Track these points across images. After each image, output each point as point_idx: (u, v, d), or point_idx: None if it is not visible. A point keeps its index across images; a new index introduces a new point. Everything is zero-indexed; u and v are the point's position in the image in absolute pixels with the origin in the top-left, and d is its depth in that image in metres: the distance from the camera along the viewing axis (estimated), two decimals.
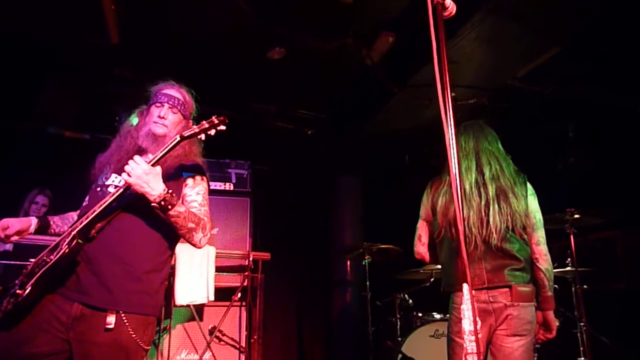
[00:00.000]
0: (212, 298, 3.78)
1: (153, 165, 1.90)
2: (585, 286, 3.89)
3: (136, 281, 1.94)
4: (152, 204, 1.88)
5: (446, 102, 1.52)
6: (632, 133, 4.40)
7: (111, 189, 2.02)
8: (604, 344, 4.01)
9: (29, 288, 1.79)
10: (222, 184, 4.41)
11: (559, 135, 5.05)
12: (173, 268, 3.76)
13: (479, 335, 2.23)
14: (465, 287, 1.14)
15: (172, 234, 2.03)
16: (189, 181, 2.15)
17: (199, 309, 3.92)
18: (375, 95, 4.62)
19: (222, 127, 1.98)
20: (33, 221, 2.11)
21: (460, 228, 1.16)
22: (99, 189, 2.07)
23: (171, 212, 1.90)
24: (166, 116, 2.14)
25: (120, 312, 1.88)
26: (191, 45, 4.02)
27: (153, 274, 2.00)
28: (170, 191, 1.90)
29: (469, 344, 1.14)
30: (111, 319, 1.85)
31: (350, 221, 5.44)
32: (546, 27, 3.48)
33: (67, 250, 1.81)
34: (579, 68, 4.21)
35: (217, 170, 4.41)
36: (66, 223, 2.21)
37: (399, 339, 4.12)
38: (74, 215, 2.25)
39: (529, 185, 2.57)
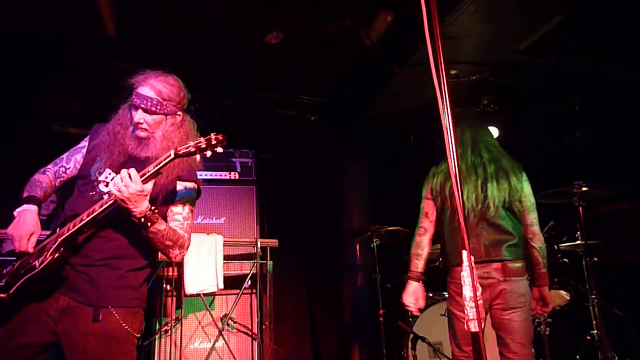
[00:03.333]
0: (221, 286, 3.80)
1: (145, 181, 1.84)
2: (595, 259, 3.86)
3: (122, 278, 1.97)
4: (132, 218, 1.86)
5: (440, 78, 1.49)
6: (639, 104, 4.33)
7: (102, 186, 2.02)
8: (616, 316, 3.99)
9: (13, 292, 1.82)
10: (227, 173, 4.41)
11: (565, 109, 5.00)
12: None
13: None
14: (465, 254, 1.13)
15: None
16: (179, 187, 2.11)
17: (210, 297, 3.94)
18: (377, 76, 4.58)
19: (219, 150, 1.85)
20: (34, 210, 2.03)
21: (457, 194, 1.15)
22: (90, 185, 2.04)
23: (150, 229, 1.89)
24: (142, 120, 2.02)
25: (109, 307, 1.91)
26: (188, 33, 3.99)
27: (138, 271, 2.03)
28: (152, 208, 1.88)
29: (470, 310, 1.14)
30: (98, 312, 1.88)
31: (357, 205, 5.43)
32: None
33: (51, 261, 1.82)
34: (582, 39, 4.14)
35: (222, 160, 4.41)
36: (47, 195, 2.14)
37: (410, 319, 4.13)
38: (45, 180, 2.16)
39: (524, 172, 2.79)
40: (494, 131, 4.82)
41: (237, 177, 4.42)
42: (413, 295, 2.92)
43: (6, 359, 1.81)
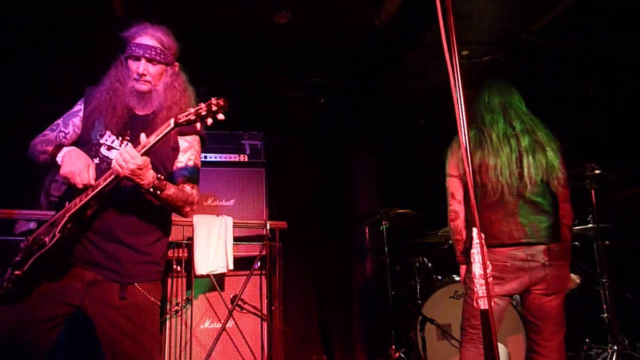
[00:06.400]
0: (231, 267, 3.82)
1: (143, 153, 1.79)
2: (607, 242, 3.84)
3: (144, 254, 1.99)
4: (141, 189, 1.86)
5: (453, 59, 1.46)
6: None
7: (104, 150, 2.00)
8: (627, 299, 3.97)
9: (27, 269, 1.83)
10: (236, 155, 4.41)
11: (579, 91, 4.91)
12: (191, 239, 3.81)
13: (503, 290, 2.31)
14: (475, 231, 1.12)
15: None
16: (182, 144, 2.09)
17: (220, 278, 3.97)
18: (387, 58, 4.52)
19: (221, 116, 1.76)
20: (76, 148, 1.96)
21: (468, 170, 1.13)
22: (93, 150, 2.00)
23: (161, 196, 1.90)
24: (146, 72, 1.98)
25: (135, 283, 1.96)
26: (196, 14, 3.95)
27: (156, 243, 2.05)
28: (159, 176, 1.87)
29: (480, 287, 1.13)
30: (125, 289, 1.93)
31: (366, 188, 5.41)
32: None
33: (60, 237, 1.82)
34: (597, 20, 4.05)
35: (231, 142, 4.41)
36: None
37: (419, 301, 4.14)
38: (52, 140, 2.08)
39: (559, 144, 2.57)
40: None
41: (246, 159, 4.42)
42: None
43: (26, 334, 1.84)
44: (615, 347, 3.62)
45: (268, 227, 4.06)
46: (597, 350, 3.82)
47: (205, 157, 4.26)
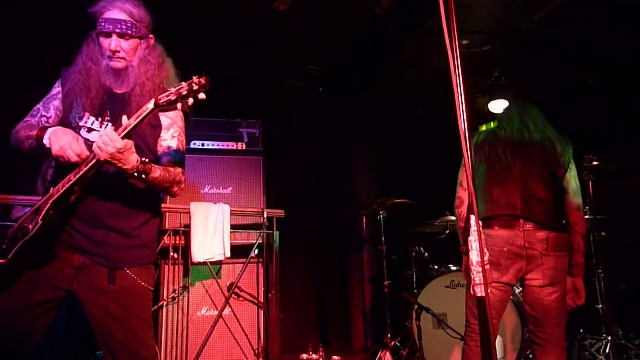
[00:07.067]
0: (228, 255, 3.82)
1: (124, 137, 1.72)
2: (603, 234, 3.85)
3: (131, 238, 1.94)
4: (125, 175, 1.81)
5: (453, 47, 1.45)
6: None
7: (84, 132, 1.94)
8: (622, 290, 4.00)
9: (12, 257, 1.80)
10: (234, 143, 4.39)
11: (578, 82, 4.90)
12: (189, 227, 3.81)
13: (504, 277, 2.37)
14: (473, 218, 1.12)
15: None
16: (164, 121, 2.03)
17: (217, 266, 3.98)
18: (387, 47, 4.49)
19: (202, 96, 1.69)
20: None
21: (468, 161, 1.13)
22: (74, 132, 1.90)
23: (148, 179, 1.85)
24: (119, 48, 1.89)
25: (124, 268, 1.92)
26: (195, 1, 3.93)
27: (145, 226, 2.00)
28: (144, 160, 1.81)
29: (477, 275, 1.13)
30: (113, 274, 1.89)
31: (364, 177, 5.41)
32: None
33: (42, 224, 1.77)
34: (597, 11, 4.03)
35: (229, 130, 4.38)
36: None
37: (415, 291, 4.16)
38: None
39: (572, 147, 2.64)
40: (505, 103, 4.75)
41: (244, 147, 4.40)
42: None
43: (20, 320, 1.81)
44: (610, 338, 3.65)
45: (266, 216, 4.06)
46: (591, 340, 3.86)
47: (203, 144, 4.24)
